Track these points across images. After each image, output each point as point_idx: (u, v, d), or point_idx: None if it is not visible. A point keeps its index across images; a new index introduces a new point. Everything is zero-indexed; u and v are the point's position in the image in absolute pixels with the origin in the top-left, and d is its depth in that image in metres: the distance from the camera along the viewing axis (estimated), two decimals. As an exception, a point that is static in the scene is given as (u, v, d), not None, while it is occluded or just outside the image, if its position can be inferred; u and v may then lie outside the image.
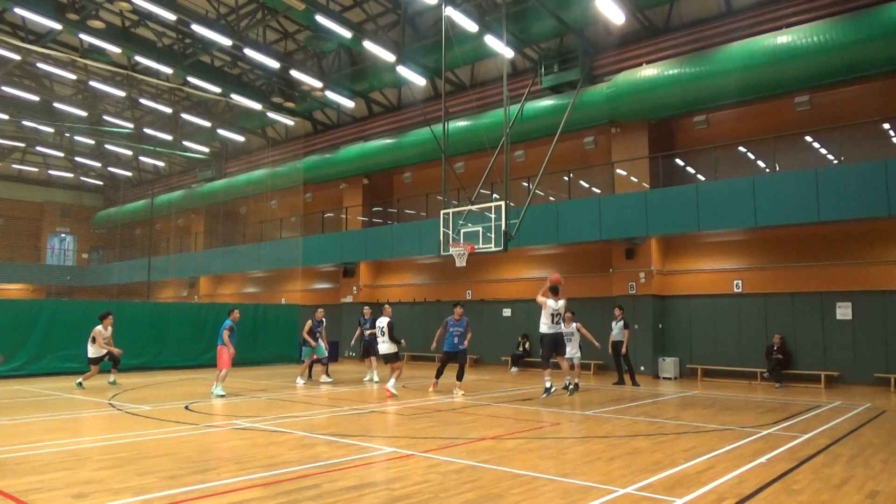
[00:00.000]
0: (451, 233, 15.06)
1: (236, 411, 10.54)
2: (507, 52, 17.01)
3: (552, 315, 11.54)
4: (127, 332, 18.63)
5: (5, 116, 28.72)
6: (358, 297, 25.12)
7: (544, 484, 5.82)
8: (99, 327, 13.96)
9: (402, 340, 12.94)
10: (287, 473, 6.13)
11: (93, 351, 13.92)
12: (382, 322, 13.04)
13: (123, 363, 15.19)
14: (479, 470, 6.34)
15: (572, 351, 13.66)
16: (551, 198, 20.97)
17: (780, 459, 6.88)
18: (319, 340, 15.33)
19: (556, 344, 11.72)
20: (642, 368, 17.85)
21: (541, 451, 7.35)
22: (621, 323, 15.49)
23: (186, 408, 10.86)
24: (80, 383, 13.84)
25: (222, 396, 12.30)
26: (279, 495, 5.34)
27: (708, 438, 8.15)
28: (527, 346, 20.77)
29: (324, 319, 15.70)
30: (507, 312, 21.60)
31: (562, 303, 11.72)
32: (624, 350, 15.26)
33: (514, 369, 20.14)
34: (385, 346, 12.98)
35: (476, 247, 14.61)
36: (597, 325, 16.10)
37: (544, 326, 11.70)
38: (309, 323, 15.22)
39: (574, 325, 13.87)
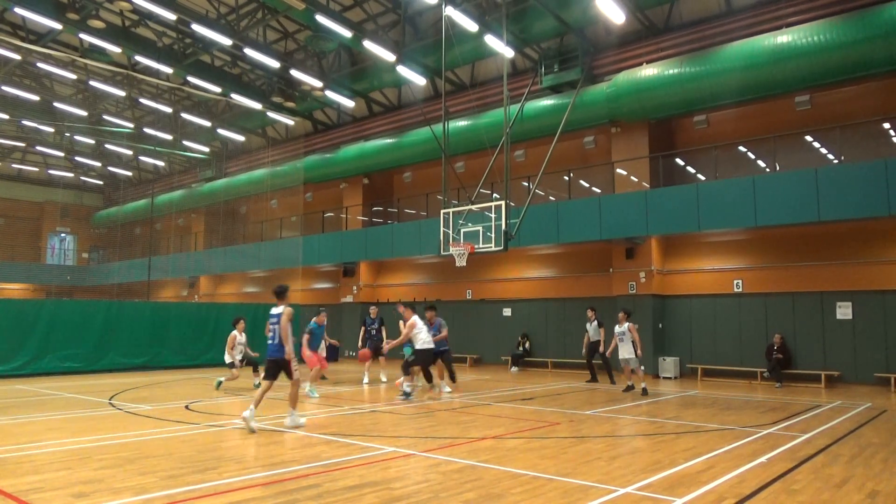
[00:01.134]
0: (451, 232, 15.08)
1: (236, 411, 10.53)
2: (508, 52, 17.01)
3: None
4: (127, 332, 18.67)
5: (5, 116, 28.73)
6: (358, 297, 25.13)
7: (544, 483, 5.82)
8: (234, 332, 13.93)
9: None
10: (287, 473, 6.13)
11: (229, 357, 14.01)
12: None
13: (124, 363, 15.20)
14: (480, 469, 6.34)
15: (627, 353, 13.33)
16: (551, 197, 20.97)
17: (780, 459, 6.88)
18: (323, 343, 14.64)
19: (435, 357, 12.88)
20: (642, 368, 17.83)
21: (541, 451, 7.35)
22: (595, 323, 15.54)
23: (187, 407, 10.86)
24: (220, 382, 13.84)
25: (314, 397, 12.32)
26: (279, 495, 5.35)
27: (708, 438, 8.15)
28: (527, 345, 20.78)
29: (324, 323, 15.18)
30: (507, 312, 21.61)
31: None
32: (602, 348, 15.20)
33: (514, 369, 20.15)
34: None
35: (476, 246, 14.62)
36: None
37: (424, 343, 12.38)
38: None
39: (627, 324, 13.33)
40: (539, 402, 11.89)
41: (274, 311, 8.92)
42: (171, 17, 18.66)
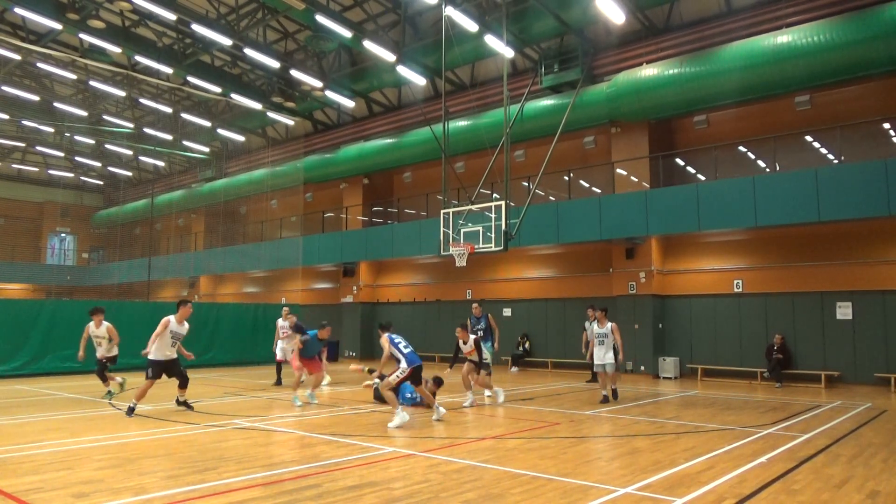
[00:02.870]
0: (451, 232, 15.06)
1: (236, 411, 10.53)
2: (508, 52, 17.01)
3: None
4: (127, 332, 18.63)
5: (6, 116, 28.73)
6: (358, 297, 25.13)
7: (544, 484, 5.82)
8: (89, 324, 12.84)
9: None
10: (287, 473, 6.13)
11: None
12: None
13: (123, 363, 15.13)
14: (480, 470, 6.34)
15: (608, 358, 11.74)
16: (551, 197, 20.97)
17: (780, 459, 6.88)
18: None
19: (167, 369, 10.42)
20: (642, 368, 17.87)
21: (541, 451, 7.35)
22: (596, 323, 15.05)
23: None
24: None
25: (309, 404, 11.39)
26: (279, 495, 5.35)
27: (708, 438, 8.15)
28: (527, 345, 20.78)
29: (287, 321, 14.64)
30: (507, 312, 21.61)
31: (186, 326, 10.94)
32: None
33: (514, 369, 20.14)
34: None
35: (476, 246, 14.61)
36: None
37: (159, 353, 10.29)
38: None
39: (609, 325, 11.82)
40: (539, 402, 11.89)
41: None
42: (171, 17, 18.66)
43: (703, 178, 18.69)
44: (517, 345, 20.87)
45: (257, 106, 24.95)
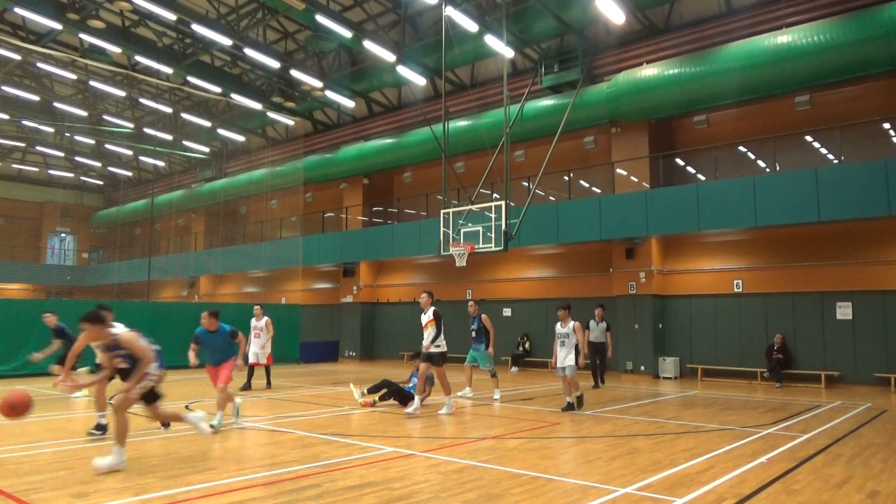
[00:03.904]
0: (451, 232, 15.07)
1: (242, 411, 10.51)
2: (508, 52, 17.01)
3: None
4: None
5: (6, 116, 28.73)
6: (358, 297, 25.13)
7: (544, 483, 5.82)
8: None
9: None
10: (287, 473, 6.13)
11: None
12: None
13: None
14: (480, 470, 6.34)
15: (568, 361, 10.42)
16: (551, 197, 20.97)
17: (780, 459, 6.88)
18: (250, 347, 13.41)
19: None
20: (642, 368, 17.87)
21: (541, 451, 7.35)
22: (603, 324, 14.78)
23: (187, 407, 10.85)
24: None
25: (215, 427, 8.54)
26: (279, 495, 5.34)
27: (708, 438, 8.15)
28: (527, 345, 20.78)
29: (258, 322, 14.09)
30: (507, 312, 21.61)
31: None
32: (611, 353, 14.90)
33: (514, 369, 20.15)
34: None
35: (476, 246, 14.61)
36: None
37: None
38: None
39: (571, 323, 10.50)
40: (539, 402, 11.89)
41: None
42: (171, 17, 18.67)
43: (703, 178, 18.69)
44: (517, 345, 20.87)
45: (257, 106, 24.96)
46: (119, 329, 6.71)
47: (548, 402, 11.79)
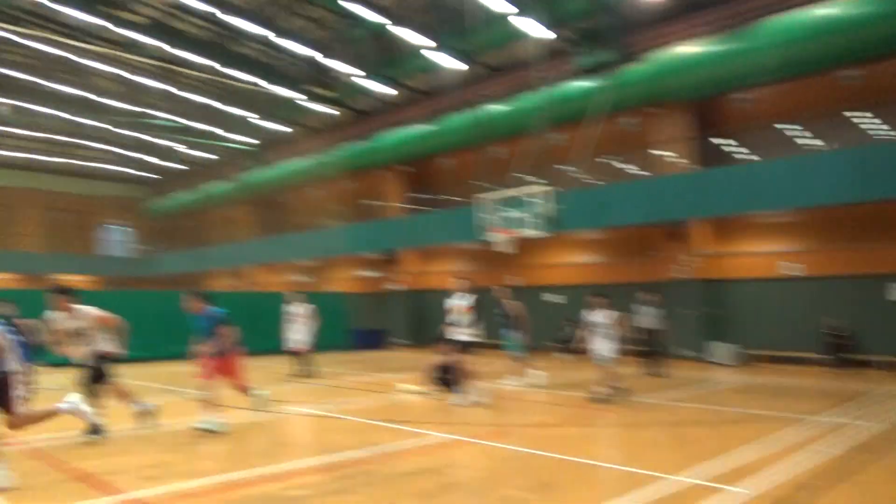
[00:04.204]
0: (495, 218, 15.04)
1: (296, 398, 10.82)
2: (543, 34, 16.65)
3: None
4: (180, 322, 19.27)
5: (63, 114, 29.93)
6: (405, 285, 25.36)
7: (594, 470, 5.84)
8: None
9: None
10: (343, 458, 6.29)
11: None
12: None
13: (182, 351, 15.66)
14: (529, 456, 6.39)
15: (603, 347, 10.23)
16: (597, 181, 20.65)
17: (841, 447, 6.71)
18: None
19: None
20: (694, 354, 17.53)
21: (592, 438, 7.35)
22: (653, 309, 14.22)
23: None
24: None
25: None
26: (336, 480, 5.50)
27: (765, 425, 7.99)
28: (573, 331, 20.61)
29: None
30: (554, 297, 21.45)
31: None
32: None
33: (561, 355, 20.04)
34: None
35: (521, 231, 14.56)
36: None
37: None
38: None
39: (607, 312, 10.28)
40: (587, 390, 11.82)
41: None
42: (207, 9, 19.06)
43: (748, 157, 18.06)
44: (563, 331, 20.72)
45: (296, 95, 25.28)
46: None
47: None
